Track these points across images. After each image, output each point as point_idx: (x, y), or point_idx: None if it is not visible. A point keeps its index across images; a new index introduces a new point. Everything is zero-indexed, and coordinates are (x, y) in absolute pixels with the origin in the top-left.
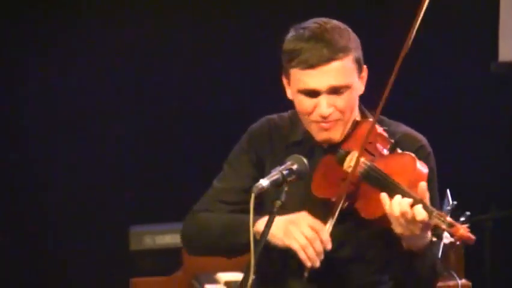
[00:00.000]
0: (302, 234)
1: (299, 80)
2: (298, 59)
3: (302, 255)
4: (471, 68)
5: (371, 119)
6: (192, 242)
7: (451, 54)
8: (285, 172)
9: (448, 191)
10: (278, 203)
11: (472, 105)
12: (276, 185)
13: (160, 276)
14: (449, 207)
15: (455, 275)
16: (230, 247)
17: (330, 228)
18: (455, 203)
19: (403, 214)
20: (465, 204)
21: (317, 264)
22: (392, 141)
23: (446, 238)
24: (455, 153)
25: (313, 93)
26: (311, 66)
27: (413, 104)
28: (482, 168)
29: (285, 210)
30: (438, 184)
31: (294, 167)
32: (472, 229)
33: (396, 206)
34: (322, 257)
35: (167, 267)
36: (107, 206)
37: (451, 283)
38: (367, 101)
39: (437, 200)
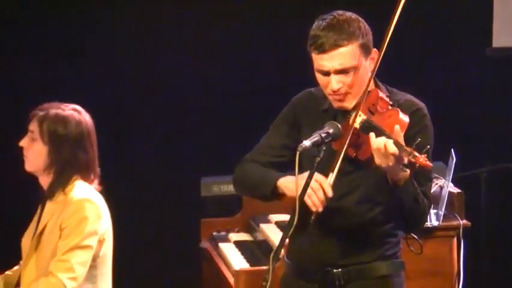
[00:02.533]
0: (308, 185)
1: (315, 61)
2: (315, 45)
3: (309, 202)
4: (469, 53)
5: (378, 89)
6: (236, 185)
7: (451, 39)
8: (323, 135)
9: (452, 150)
10: (317, 159)
11: (470, 84)
12: (316, 145)
13: (224, 217)
14: (453, 163)
15: (458, 217)
16: (259, 195)
17: (333, 179)
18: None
19: (379, 148)
20: (465, 160)
21: (320, 209)
22: (391, 103)
23: (451, 188)
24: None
25: (325, 73)
26: (323, 51)
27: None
28: (478, 133)
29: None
30: (444, 145)
31: (330, 130)
32: (470, 180)
33: (375, 142)
34: (325, 203)
35: (230, 210)
36: (183, 159)
37: (455, 223)
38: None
39: (428, 148)
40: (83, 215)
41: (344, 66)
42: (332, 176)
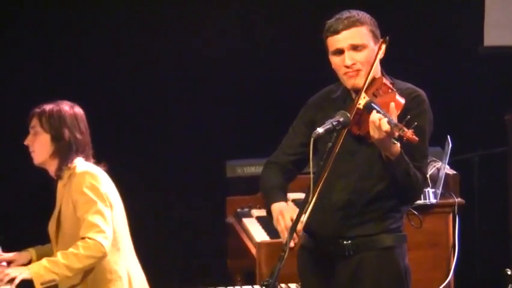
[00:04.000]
0: (284, 222)
1: (331, 44)
2: (330, 30)
3: (282, 237)
4: (463, 51)
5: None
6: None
7: (446, 38)
8: (334, 123)
9: (449, 136)
10: (329, 144)
11: (463, 79)
12: (328, 132)
13: (247, 196)
14: (449, 148)
15: (453, 195)
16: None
17: (305, 218)
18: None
19: (374, 121)
20: (460, 146)
21: (291, 245)
22: (394, 89)
23: (447, 170)
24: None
25: (340, 52)
26: (336, 31)
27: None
28: (471, 123)
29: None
30: (441, 133)
31: (341, 119)
32: (464, 163)
33: (372, 116)
34: (295, 240)
35: (252, 189)
36: (211, 144)
37: (450, 201)
38: None
39: (424, 132)
40: (88, 183)
41: (355, 42)
42: (305, 215)
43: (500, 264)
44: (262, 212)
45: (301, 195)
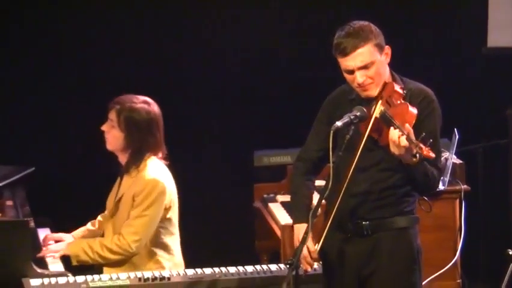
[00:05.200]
0: (300, 250)
1: (341, 64)
2: (339, 50)
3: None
4: (467, 51)
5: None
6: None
7: (452, 39)
8: (352, 117)
9: (455, 129)
10: (347, 137)
11: (468, 77)
12: (346, 125)
13: (272, 183)
14: (456, 140)
15: (460, 183)
16: None
17: (319, 246)
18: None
19: (394, 140)
20: (466, 137)
21: (309, 269)
22: (404, 94)
23: (454, 159)
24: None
25: (351, 71)
26: (346, 54)
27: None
28: (476, 117)
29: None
30: (448, 126)
31: (358, 113)
32: (469, 154)
33: (391, 134)
34: (313, 264)
35: (277, 177)
36: (240, 136)
37: (457, 187)
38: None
39: (435, 131)
40: (149, 192)
41: (364, 63)
42: (318, 245)
43: (502, 245)
44: (286, 198)
45: (321, 183)
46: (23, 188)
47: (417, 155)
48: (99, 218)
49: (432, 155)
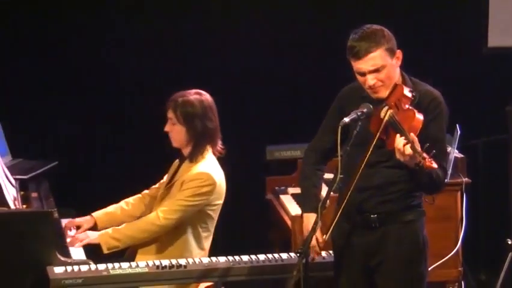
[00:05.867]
0: (310, 238)
1: (354, 66)
2: (352, 54)
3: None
4: (469, 51)
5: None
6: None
7: (454, 40)
8: (359, 113)
9: (457, 125)
10: (355, 132)
11: (470, 76)
12: (353, 121)
13: (283, 176)
14: (457, 135)
15: (461, 176)
16: None
17: (328, 235)
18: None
19: (399, 148)
20: (467, 133)
21: (316, 257)
22: (413, 99)
23: (456, 154)
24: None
25: (362, 74)
26: (359, 58)
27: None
28: (477, 114)
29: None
30: (450, 122)
31: (365, 110)
32: (470, 148)
33: (397, 142)
34: (320, 253)
35: (288, 170)
36: (253, 131)
37: (459, 180)
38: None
39: (442, 134)
40: (200, 183)
41: (375, 67)
42: (327, 235)
43: (501, 235)
44: (296, 190)
45: (330, 176)
46: (47, 180)
47: (420, 165)
48: (130, 200)
49: (435, 166)
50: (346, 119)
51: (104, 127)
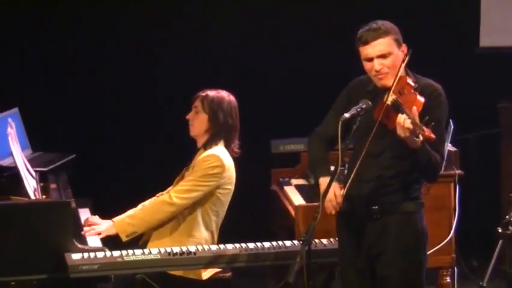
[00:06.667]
0: (327, 192)
1: (362, 52)
2: (361, 40)
3: (326, 206)
4: (462, 51)
5: (407, 77)
6: (307, 153)
7: (449, 40)
8: (358, 109)
9: (451, 120)
10: (354, 127)
11: (463, 74)
12: (353, 117)
13: (287, 168)
14: (451, 129)
15: (454, 168)
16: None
17: (345, 191)
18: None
19: (399, 122)
20: (460, 127)
21: (333, 212)
22: (415, 87)
23: (449, 147)
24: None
25: (370, 59)
26: (367, 43)
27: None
28: (469, 110)
29: (361, 128)
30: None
31: (364, 106)
32: (463, 142)
33: (398, 118)
34: (337, 208)
35: (291, 163)
36: (259, 125)
37: (452, 172)
38: None
39: (441, 121)
40: (208, 164)
41: (382, 52)
42: (344, 190)
43: (492, 224)
44: (299, 181)
45: (331, 168)
46: (65, 172)
47: (420, 135)
48: (147, 203)
49: (433, 136)
50: (346, 115)
51: (120, 122)
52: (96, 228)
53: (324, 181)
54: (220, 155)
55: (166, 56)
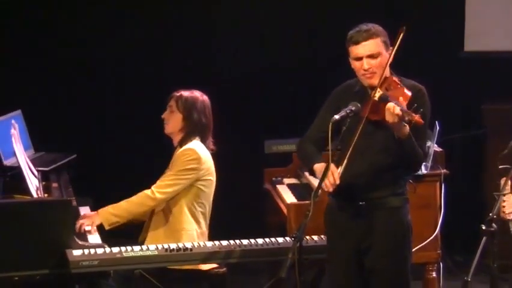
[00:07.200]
0: (325, 174)
1: (352, 52)
2: (352, 40)
3: (324, 183)
4: (447, 55)
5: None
6: (297, 154)
7: (430, 44)
8: (348, 111)
9: (436, 122)
10: (344, 128)
11: (446, 80)
12: (343, 118)
13: (280, 168)
14: (436, 130)
15: (440, 167)
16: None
17: (342, 170)
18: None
19: (389, 108)
20: (445, 129)
21: (331, 189)
22: (401, 84)
23: (435, 148)
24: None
25: (359, 59)
26: (357, 42)
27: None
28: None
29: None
30: (432, 119)
31: (353, 108)
32: (448, 142)
33: (387, 106)
34: (335, 187)
35: (284, 162)
36: (253, 126)
37: (438, 171)
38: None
39: (426, 117)
40: (185, 158)
41: (372, 52)
42: (341, 168)
43: (476, 221)
44: (291, 181)
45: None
46: (67, 172)
47: (409, 121)
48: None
49: (422, 121)
50: (336, 116)
51: (120, 123)
52: (83, 222)
53: (319, 166)
54: (196, 148)
55: (167, 56)
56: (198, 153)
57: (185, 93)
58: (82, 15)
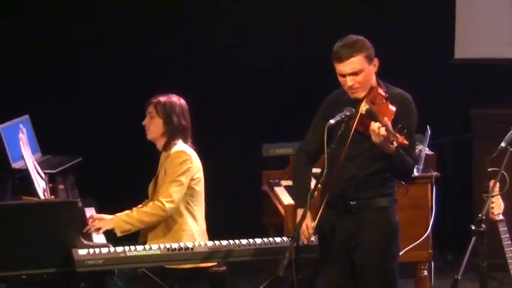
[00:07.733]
0: (300, 225)
1: (337, 68)
2: (336, 57)
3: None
4: (438, 62)
5: (378, 87)
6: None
7: (421, 52)
8: (343, 116)
9: (428, 126)
10: (339, 132)
11: (437, 86)
12: (338, 123)
13: (277, 170)
14: (428, 135)
15: (431, 170)
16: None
17: (316, 223)
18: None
19: (374, 130)
20: (436, 132)
21: (306, 242)
22: (387, 97)
23: (427, 151)
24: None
25: (343, 75)
26: (341, 61)
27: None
28: (445, 116)
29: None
30: (421, 123)
31: (348, 113)
32: (439, 146)
33: (372, 125)
34: (310, 239)
35: (281, 165)
36: (251, 130)
37: (429, 174)
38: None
39: (411, 128)
40: (178, 161)
41: (354, 70)
42: (315, 222)
43: (465, 222)
44: (289, 183)
45: (317, 170)
46: (73, 174)
47: (394, 142)
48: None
49: (406, 142)
50: (332, 121)
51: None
52: (96, 224)
53: (300, 212)
54: (185, 149)
55: (167, 57)
56: (188, 154)
57: (163, 99)
58: (86, 19)
